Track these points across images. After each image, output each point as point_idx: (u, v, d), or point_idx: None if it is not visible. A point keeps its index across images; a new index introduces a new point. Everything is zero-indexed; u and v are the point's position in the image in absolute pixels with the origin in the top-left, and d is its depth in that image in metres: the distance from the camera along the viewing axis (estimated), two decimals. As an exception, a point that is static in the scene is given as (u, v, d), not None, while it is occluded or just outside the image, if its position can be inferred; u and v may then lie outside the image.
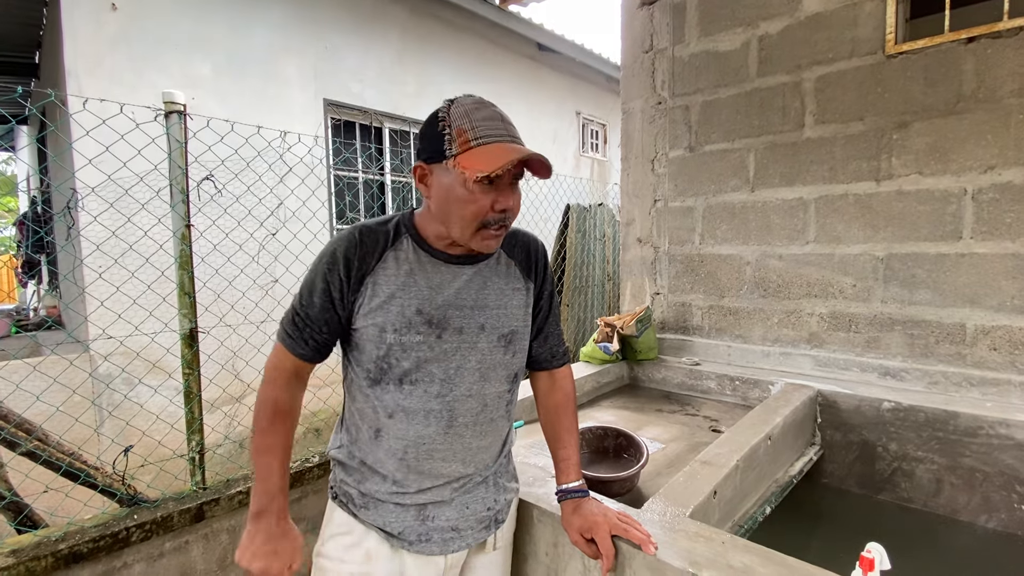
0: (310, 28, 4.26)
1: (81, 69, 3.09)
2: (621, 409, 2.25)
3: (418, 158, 0.93)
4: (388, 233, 0.97)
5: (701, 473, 1.32)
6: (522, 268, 1.06)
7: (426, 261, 0.96)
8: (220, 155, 2.39)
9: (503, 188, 0.89)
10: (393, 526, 0.98)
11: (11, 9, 3.86)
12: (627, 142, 2.84)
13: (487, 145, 0.86)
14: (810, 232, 2.26)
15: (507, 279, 1.03)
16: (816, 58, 2.21)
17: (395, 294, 0.94)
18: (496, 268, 1.02)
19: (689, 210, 2.60)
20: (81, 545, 1.92)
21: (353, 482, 1.00)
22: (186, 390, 2.28)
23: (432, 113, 0.92)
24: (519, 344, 1.04)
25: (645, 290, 2.79)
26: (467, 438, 0.99)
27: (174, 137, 2.20)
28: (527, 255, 1.07)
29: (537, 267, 1.08)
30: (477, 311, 0.98)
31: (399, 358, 0.94)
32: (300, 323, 0.96)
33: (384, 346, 0.94)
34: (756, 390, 2.22)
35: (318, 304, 0.94)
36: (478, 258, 0.99)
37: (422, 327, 0.94)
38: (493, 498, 1.04)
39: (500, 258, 1.03)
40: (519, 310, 1.03)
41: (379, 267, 0.95)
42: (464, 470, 1.00)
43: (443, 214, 0.92)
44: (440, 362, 0.95)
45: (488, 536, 1.04)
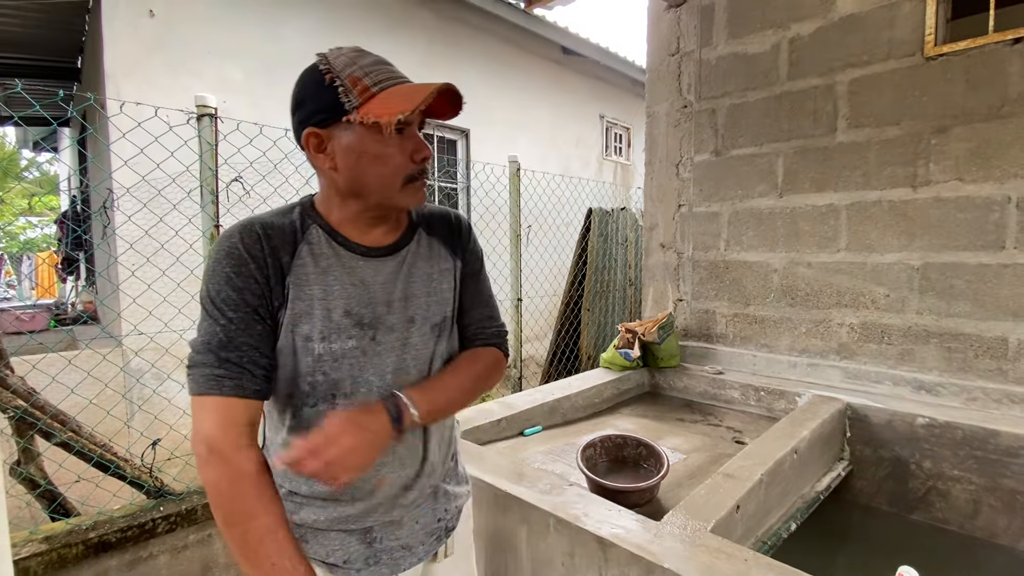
0: (340, 33, 4.34)
1: (120, 73, 3.20)
2: (641, 417, 2.21)
3: (305, 125, 0.78)
4: (294, 223, 0.82)
5: (724, 486, 1.29)
6: (447, 245, 0.95)
7: (343, 255, 0.83)
8: (249, 157, 2.44)
9: (414, 136, 0.80)
10: (337, 555, 0.86)
11: (56, 16, 4.02)
12: (651, 146, 2.80)
13: (390, 88, 0.75)
14: (841, 239, 2.19)
15: (433, 261, 0.93)
16: (850, 60, 2.15)
17: (317, 296, 0.80)
18: (418, 251, 0.91)
19: (714, 215, 2.55)
20: (110, 535, 1.97)
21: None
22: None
23: (305, 72, 0.79)
24: (453, 329, 0.96)
25: (668, 296, 2.75)
26: (410, 438, 0.89)
27: (205, 139, 2.25)
28: (449, 230, 0.96)
29: (462, 241, 0.97)
30: (406, 303, 0.87)
31: (329, 370, 0.81)
32: (220, 353, 0.75)
33: (311, 358, 0.80)
34: (782, 401, 2.16)
35: (235, 318, 0.76)
36: (399, 245, 0.89)
37: (353, 330, 0.82)
38: (444, 508, 0.97)
39: (421, 240, 0.92)
40: (448, 293, 0.94)
41: (296, 264, 0.80)
42: (408, 473, 0.90)
43: (356, 181, 0.80)
44: (375, 367, 0.84)
45: (439, 547, 0.97)
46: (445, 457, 0.98)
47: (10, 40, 4.62)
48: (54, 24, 4.22)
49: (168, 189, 2.26)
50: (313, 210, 0.86)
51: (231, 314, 0.76)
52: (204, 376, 0.74)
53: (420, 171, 0.82)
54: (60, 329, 4.25)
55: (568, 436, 1.93)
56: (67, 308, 5.51)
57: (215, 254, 0.78)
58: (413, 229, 0.92)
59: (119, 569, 1.99)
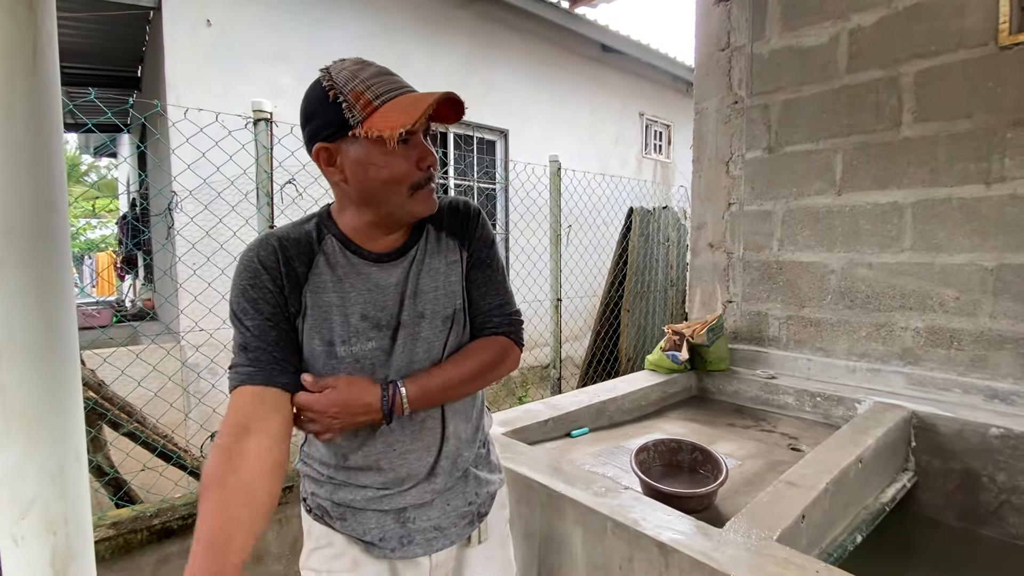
0: (382, 36, 4.42)
1: (179, 80, 3.35)
2: (690, 422, 2.16)
3: (315, 140, 0.81)
4: (310, 234, 0.87)
5: (787, 494, 1.25)
6: (454, 236, 0.95)
7: (357, 263, 0.87)
8: (301, 160, 2.52)
9: (419, 144, 0.82)
10: (372, 534, 0.92)
11: (118, 27, 4.24)
12: (699, 143, 2.74)
13: (391, 101, 0.77)
14: (906, 239, 2.08)
15: (442, 255, 0.93)
16: (916, 51, 2.04)
17: (335, 303, 0.85)
18: (427, 248, 0.93)
19: (767, 214, 2.47)
20: (172, 522, 2.06)
21: (325, 494, 0.94)
22: (265, 382, 2.39)
23: (310, 88, 0.82)
24: (464, 319, 0.96)
25: (716, 297, 2.68)
26: (436, 430, 0.93)
27: (261, 143, 2.33)
28: (456, 219, 0.96)
29: (469, 229, 0.96)
30: (416, 299, 0.89)
31: (352, 372, 0.86)
32: (249, 353, 0.82)
33: (334, 360, 0.85)
34: (840, 408, 2.08)
35: (257, 324, 0.82)
36: (406, 247, 0.90)
37: (372, 332, 0.86)
38: (474, 492, 0.99)
39: (429, 236, 0.93)
40: (457, 285, 0.94)
41: (312, 275, 0.85)
42: (430, 459, 0.94)
43: (365, 192, 0.82)
44: (395, 366, 0.88)
45: (472, 531, 0.99)
46: (471, 442, 1.00)
47: (72, 51, 4.90)
48: (114, 35, 4.44)
49: (226, 192, 2.35)
50: (329, 219, 0.90)
51: (248, 323, 0.83)
52: (231, 376, 0.83)
53: (427, 178, 0.84)
54: (123, 325, 4.48)
55: (616, 439, 1.91)
56: (127, 305, 5.81)
57: (236, 268, 0.85)
58: (421, 227, 0.94)
59: (180, 555, 2.07)
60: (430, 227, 0.94)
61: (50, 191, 0.55)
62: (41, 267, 0.55)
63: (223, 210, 2.44)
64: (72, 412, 0.60)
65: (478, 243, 0.97)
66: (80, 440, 0.62)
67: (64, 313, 0.57)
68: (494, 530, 1.04)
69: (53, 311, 0.56)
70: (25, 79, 0.52)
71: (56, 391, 0.57)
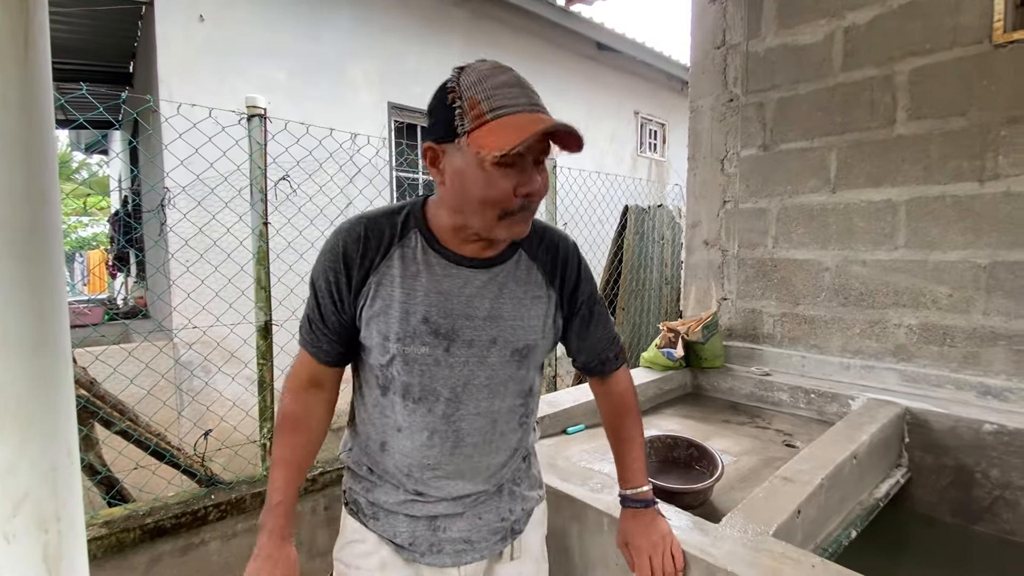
0: (376, 33, 4.40)
1: (172, 76, 3.32)
2: (685, 418, 2.17)
3: (426, 138, 0.80)
4: (396, 226, 0.86)
5: (782, 490, 1.25)
6: (545, 273, 0.92)
7: (435, 263, 0.85)
8: (295, 156, 2.50)
9: (526, 168, 0.76)
10: (403, 537, 0.92)
11: (110, 24, 4.20)
12: (695, 141, 2.74)
13: (505, 117, 0.72)
14: (900, 236, 2.10)
15: (526, 286, 0.90)
16: (910, 49, 2.05)
17: (398, 299, 0.83)
18: (515, 273, 0.89)
19: (762, 212, 2.48)
20: (165, 520, 2.04)
21: (361, 490, 0.95)
22: (260, 379, 2.39)
23: (440, 84, 0.79)
24: (535, 359, 0.94)
25: (711, 295, 2.69)
26: (475, 458, 0.91)
27: (255, 139, 2.31)
28: (553, 259, 0.93)
29: (565, 272, 0.94)
30: (490, 322, 0.86)
31: (401, 371, 0.85)
32: (311, 324, 0.89)
33: (387, 356, 0.85)
34: (834, 404, 2.09)
35: (322, 304, 0.87)
36: (494, 261, 0.87)
37: (428, 337, 0.84)
38: (508, 508, 0.97)
39: (520, 261, 0.90)
40: (537, 321, 0.91)
41: (383, 265, 0.84)
42: (474, 488, 0.93)
43: (459, 202, 0.79)
44: (445, 379, 0.85)
45: (504, 547, 0.97)
46: (509, 457, 0.97)
47: (64, 46, 4.85)
48: (106, 31, 4.40)
49: (219, 188, 2.34)
50: (422, 213, 0.88)
51: (319, 300, 0.88)
52: (299, 332, 0.92)
53: (521, 206, 0.78)
54: (115, 322, 4.44)
55: (612, 435, 1.91)
56: (118, 303, 5.76)
57: (326, 243, 0.87)
58: (514, 248, 0.90)
59: (172, 554, 2.06)
60: (522, 252, 0.91)
61: (43, 182, 0.54)
62: (34, 261, 0.54)
63: (216, 207, 2.43)
64: (65, 409, 0.59)
65: (582, 285, 0.97)
66: (73, 437, 0.61)
67: (57, 308, 0.56)
68: (528, 549, 1.01)
69: (46, 306, 0.55)
70: (17, 69, 0.51)
71: (49, 387, 0.56)
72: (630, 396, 1.06)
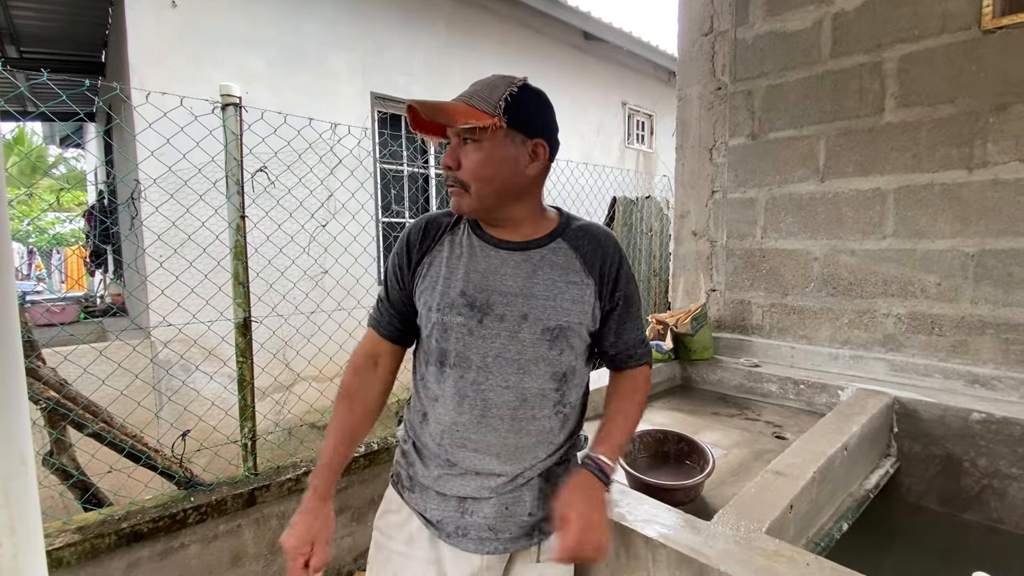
0: (359, 22, 4.29)
1: (144, 64, 3.20)
2: (675, 411, 2.14)
3: None
4: (450, 221, 1.02)
5: (775, 484, 1.22)
6: (585, 262, 0.98)
7: (477, 246, 0.97)
8: (273, 147, 2.42)
9: (449, 147, 0.93)
10: (433, 513, 0.97)
11: (80, 9, 4.05)
12: (683, 130, 2.70)
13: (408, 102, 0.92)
14: (888, 226, 2.08)
15: (564, 271, 0.96)
16: (899, 36, 2.02)
17: (443, 275, 0.96)
18: (551, 258, 0.96)
19: (750, 202, 2.45)
20: (142, 525, 1.98)
21: (405, 464, 1.03)
22: (239, 378, 2.32)
23: None
24: (568, 342, 0.96)
25: (700, 286, 2.66)
26: (502, 432, 0.94)
27: (230, 129, 2.23)
28: (594, 250, 0.99)
29: (605, 264, 0.99)
30: (522, 299, 0.93)
31: (439, 338, 0.95)
32: (379, 303, 1.05)
33: (430, 325, 0.97)
34: (823, 395, 2.07)
35: (389, 284, 1.04)
36: (530, 245, 0.97)
37: (463, 308, 0.93)
38: (538, 504, 0.97)
39: (559, 248, 0.97)
40: (573, 305, 0.95)
41: (435, 249, 0.99)
42: (501, 467, 0.95)
43: None
44: (478, 348, 0.93)
45: (530, 544, 0.97)
46: (538, 443, 0.97)
47: (34, 35, 4.68)
48: (77, 18, 4.25)
49: (193, 180, 2.25)
50: None
51: (388, 281, 1.05)
52: (369, 318, 1.07)
53: (445, 178, 0.95)
54: (90, 321, 4.32)
55: (601, 430, 1.88)
56: (96, 300, 5.61)
57: (401, 235, 1.05)
58: (552, 236, 0.99)
59: (151, 559, 1.99)
60: (560, 240, 0.99)
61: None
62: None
63: (191, 199, 2.34)
64: (16, 414, 0.54)
65: (624, 280, 1.01)
66: (27, 444, 0.56)
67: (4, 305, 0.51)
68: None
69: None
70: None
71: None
72: (642, 388, 1.09)
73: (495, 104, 0.88)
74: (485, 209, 0.95)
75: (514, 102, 0.88)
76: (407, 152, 4.80)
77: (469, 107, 0.87)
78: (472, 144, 0.90)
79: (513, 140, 0.91)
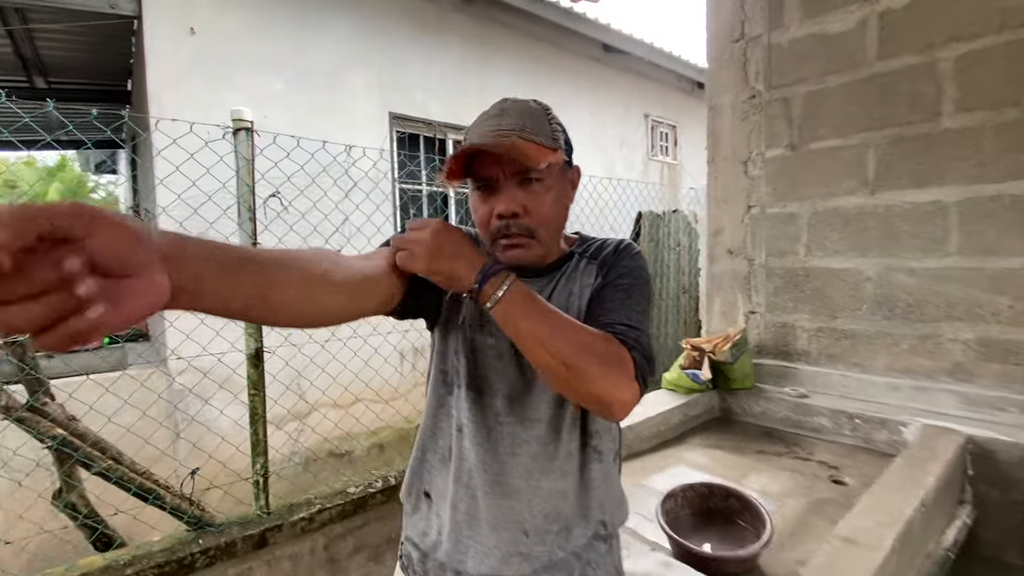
0: (375, 39, 4.26)
1: (163, 91, 3.20)
2: (714, 448, 1.96)
3: None
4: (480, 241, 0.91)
5: (847, 556, 1.04)
6: (600, 265, 0.87)
7: None
8: (286, 171, 2.34)
9: (501, 190, 0.79)
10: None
11: (104, 39, 4.11)
12: (714, 142, 2.54)
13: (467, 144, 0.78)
14: (951, 242, 1.88)
15: (578, 280, 0.87)
16: (955, 33, 1.84)
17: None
18: (570, 273, 0.88)
19: (791, 217, 2.27)
20: (147, 570, 1.88)
21: (415, 535, 0.88)
22: (251, 411, 2.22)
23: None
24: None
25: (738, 307, 2.48)
26: (514, 474, 0.80)
27: (242, 154, 2.16)
28: (610, 252, 0.88)
29: (608, 256, 0.87)
30: None
31: (469, 357, 0.85)
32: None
33: (461, 338, 0.86)
34: (883, 431, 1.87)
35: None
36: (549, 270, 0.87)
37: (495, 328, 0.80)
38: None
39: (579, 264, 0.88)
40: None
41: None
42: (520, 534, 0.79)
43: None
44: (502, 374, 0.83)
45: None
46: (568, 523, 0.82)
47: (61, 65, 4.78)
48: (102, 47, 4.32)
49: (206, 207, 2.18)
50: None
51: None
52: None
53: (501, 228, 0.79)
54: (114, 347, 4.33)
55: (635, 474, 1.71)
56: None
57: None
58: (569, 256, 0.89)
59: (158, 605, 1.89)
60: (577, 255, 0.90)
61: None
62: None
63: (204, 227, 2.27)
64: None
65: (617, 268, 0.85)
66: None
67: None
68: None
69: None
70: None
71: None
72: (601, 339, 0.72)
73: (551, 136, 0.80)
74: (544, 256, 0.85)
75: (563, 131, 0.83)
76: (425, 171, 4.74)
77: (538, 145, 0.76)
78: (538, 184, 0.78)
79: (564, 173, 0.84)
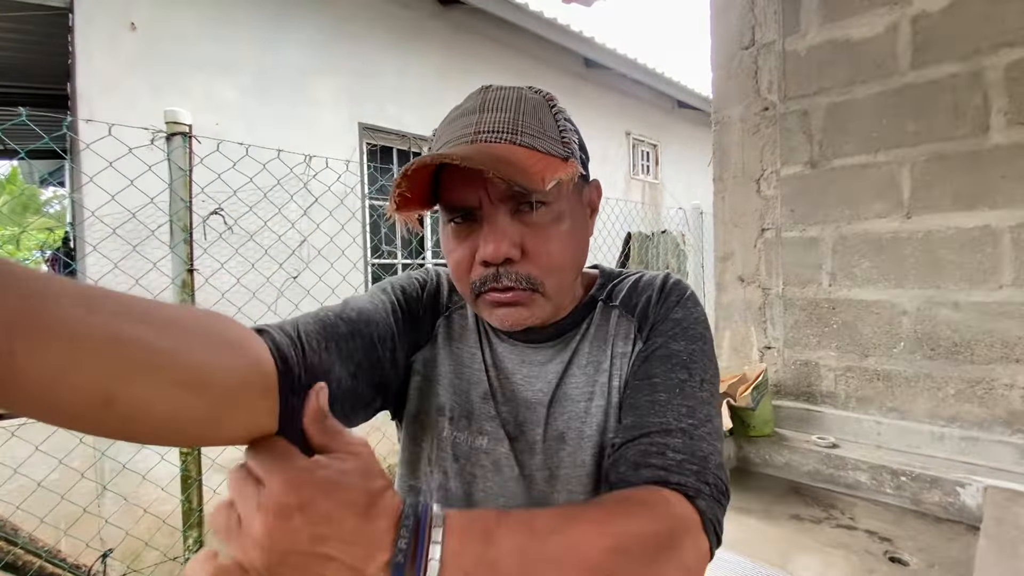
0: (346, 44, 3.95)
1: (95, 93, 2.80)
2: (740, 513, 1.66)
3: None
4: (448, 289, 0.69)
5: None
6: (638, 319, 0.61)
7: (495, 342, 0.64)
8: (231, 185, 1.99)
9: (485, 223, 0.53)
10: None
11: (39, 39, 3.70)
12: (721, 158, 2.30)
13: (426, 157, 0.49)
14: (1005, 273, 1.65)
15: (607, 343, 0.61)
16: (1003, 39, 1.64)
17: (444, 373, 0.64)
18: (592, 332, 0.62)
19: (812, 242, 2.03)
20: None
21: None
22: (183, 475, 1.84)
23: None
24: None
25: (751, 342, 2.21)
26: None
27: (176, 164, 1.81)
28: (648, 298, 0.62)
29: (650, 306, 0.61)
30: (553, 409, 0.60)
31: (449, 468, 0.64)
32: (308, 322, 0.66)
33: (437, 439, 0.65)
34: (935, 491, 1.60)
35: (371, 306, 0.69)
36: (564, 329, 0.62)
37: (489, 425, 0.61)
38: None
39: (610, 318, 0.63)
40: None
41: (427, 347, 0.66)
42: None
43: None
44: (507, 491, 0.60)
45: None
46: None
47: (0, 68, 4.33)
48: (38, 48, 3.90)
49: (129, 227, 1.81)
50: None
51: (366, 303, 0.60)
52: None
53: (486, 278, 0.54)
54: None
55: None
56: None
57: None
58: (591, 304, 0.64)
59: None
60: (601, 304, 0.65)
61: None
62: None
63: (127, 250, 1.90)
64: None
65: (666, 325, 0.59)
66: None
67: None
68: None
69: None
70: None
71: None
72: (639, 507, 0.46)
73: (558, 138, 0.56)
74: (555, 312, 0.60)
75: (574, 130, 0.59)
76: (399, 186, 4.40)
77: (540, 153, 0.52)
78: (542, 212, 0.54)
79: (580, 192, 0.60)
